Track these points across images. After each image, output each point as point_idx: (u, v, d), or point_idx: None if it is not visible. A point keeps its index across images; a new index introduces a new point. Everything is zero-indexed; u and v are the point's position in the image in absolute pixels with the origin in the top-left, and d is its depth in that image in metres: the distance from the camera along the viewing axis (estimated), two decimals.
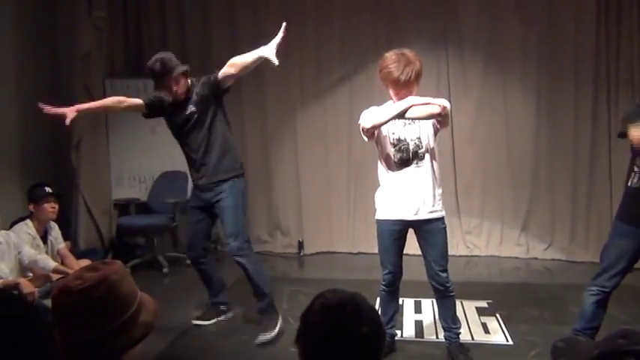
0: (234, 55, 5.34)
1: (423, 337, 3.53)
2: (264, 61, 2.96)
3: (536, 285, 4.56)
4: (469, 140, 5.34)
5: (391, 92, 2.93)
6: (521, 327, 3.61)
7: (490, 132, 5.31)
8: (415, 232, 3.04)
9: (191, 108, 3.38)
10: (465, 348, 3.16)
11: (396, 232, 3.00)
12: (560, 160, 5.18)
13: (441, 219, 3.00)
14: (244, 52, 5.45)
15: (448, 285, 3.06)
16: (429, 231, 2.98)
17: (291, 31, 5.43)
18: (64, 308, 1.25)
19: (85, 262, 3.48)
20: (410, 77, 2.82)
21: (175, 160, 4.23)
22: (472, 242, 5.40)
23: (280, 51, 5.39)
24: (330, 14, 5.42)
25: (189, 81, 3.41)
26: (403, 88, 2.85)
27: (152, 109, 3.48)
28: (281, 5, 5.45)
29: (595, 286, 2.92)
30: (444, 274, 3.03)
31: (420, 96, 2.90)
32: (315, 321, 1.26)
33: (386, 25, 5.31)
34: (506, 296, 4.20)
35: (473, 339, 3.45)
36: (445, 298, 3.10)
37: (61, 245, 3.93)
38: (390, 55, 2.89)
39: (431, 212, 2.95)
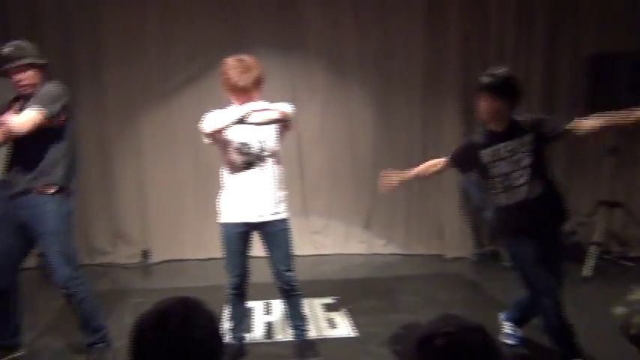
0: (67, 59, 4.97)
1: (272, 338, 3.60)
2: (103, 64, 2.75)
3: (376, 279, 4.87)
4: (316, 143, 5.52)
5: (231, 98, 2.95)
6: (364, 319, 3.83)
7: (335, 135, 5.54)
8: (259, 234, 3.09)
9: (26, 104, 2.94)
10: (312, 344, 3.29)
11: (240, 234, 3.03)
12: (397, 161, 5.52)
13: (285, 220, 3.07)
14: (79, 57, 5.08)
15: (294, 284, 3.15)
16: (273, 232, 3.05)
17: (131, 31, 5.22)
18: None
19: None
20: (248, 84, 2.86)
21: None
22: (319, 241, 5.60)
23: (121, 51, 5.14)
24: (174, 14, 5.25)
25: (40, 78, 2.99)
26: (242, 94, 2.88)
27: None
28: (118, 3, 5.17)
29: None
30: (290, 274, 3.12)
31: (265, 100, 2.94)
32: (145, 328, 1.23)
33: (233, 26, 5.28)
34: (350, 291, 4.43)
35: (320, 335, 3.59)
36: (292, 297, 3.19)
37: None
38: (229, 62, 2.92)
39: (274, 214, 3.02)
